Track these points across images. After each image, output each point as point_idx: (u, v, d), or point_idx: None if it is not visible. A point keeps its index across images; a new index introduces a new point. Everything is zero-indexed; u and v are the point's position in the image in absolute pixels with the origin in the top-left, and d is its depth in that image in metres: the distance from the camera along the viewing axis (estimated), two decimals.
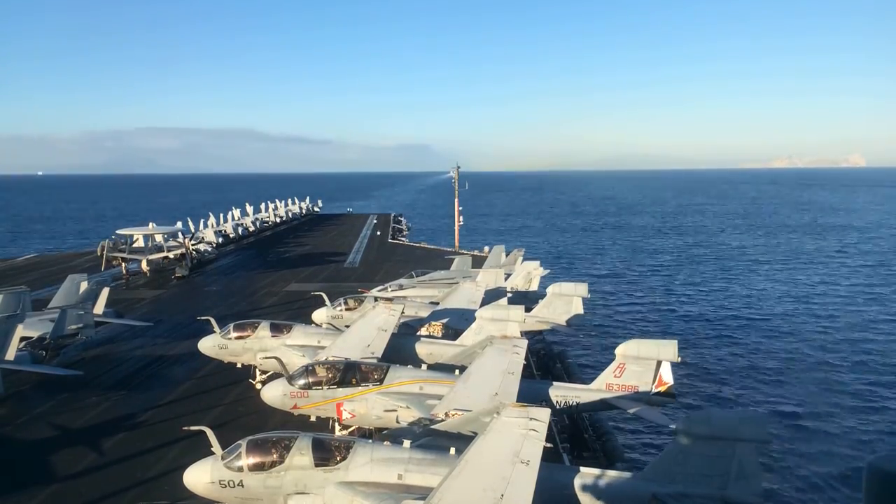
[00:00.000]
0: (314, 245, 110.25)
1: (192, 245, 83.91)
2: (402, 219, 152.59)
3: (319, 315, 44.77)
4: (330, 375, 28.42)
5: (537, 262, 56.75)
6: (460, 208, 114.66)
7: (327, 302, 45.41)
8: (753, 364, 66.65)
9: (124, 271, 76.96)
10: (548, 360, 45.22)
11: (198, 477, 20.85)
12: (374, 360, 30.94)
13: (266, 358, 34.63)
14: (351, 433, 27.31)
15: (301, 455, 20.34)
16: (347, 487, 19.62)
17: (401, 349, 34.80)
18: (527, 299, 47.80)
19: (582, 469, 21.84)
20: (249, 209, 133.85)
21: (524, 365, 29.46)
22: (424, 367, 32.05)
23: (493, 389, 26.27)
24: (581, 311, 45.20)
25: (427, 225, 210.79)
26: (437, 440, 22.43)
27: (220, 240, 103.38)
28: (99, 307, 45.30)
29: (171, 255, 79.76)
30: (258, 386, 34.38)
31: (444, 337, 39.15)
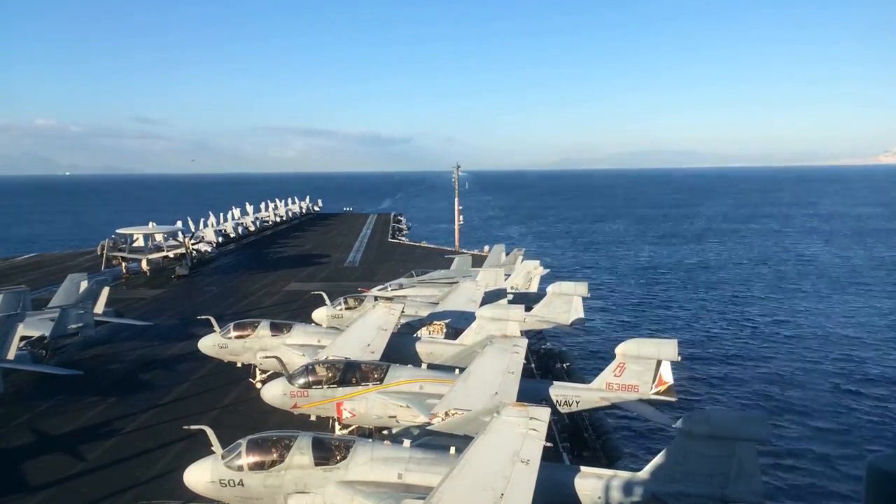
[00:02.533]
0: (314, 244, 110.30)
1: (192, 244, 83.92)
2: (402, 218, 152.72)
3: (319, 314, 44.77)
4: (330, 375, 28.40)
5: (537, 262, 56.73)
6: (460, 208, 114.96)
7: (327, 301, 45.41)
8: (753, 364, 66.73)
9: (124, 271, 77.00)
10: (548, 360, 45.21)
11: (198, 476, 20.85)
12: (374, 360, 30.97)
13: (266, 357, 34.62)
14: (351, 432, 27.31)
15: (301, 454, 20.34)
16: (347, 487, 19.62)
17: (401, 349, 34.76)
18: (527, 299, 47.82)
19: (582, 468, 21.83)
20: (249, 208, 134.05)
21: (524, 364, 29.47)
22: (424, 366, 32.03)
23: (493, 389, 26.25)
24: (581, 310, 45.17)
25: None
26: (437, 440, 22.46)
27: (221, 239, 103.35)
28: (99, 307, 45.31)
29: (170, 254, 79.78)
30: (258, 385, 34.34)
31: (444, 336, 39.17)
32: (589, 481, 21.08)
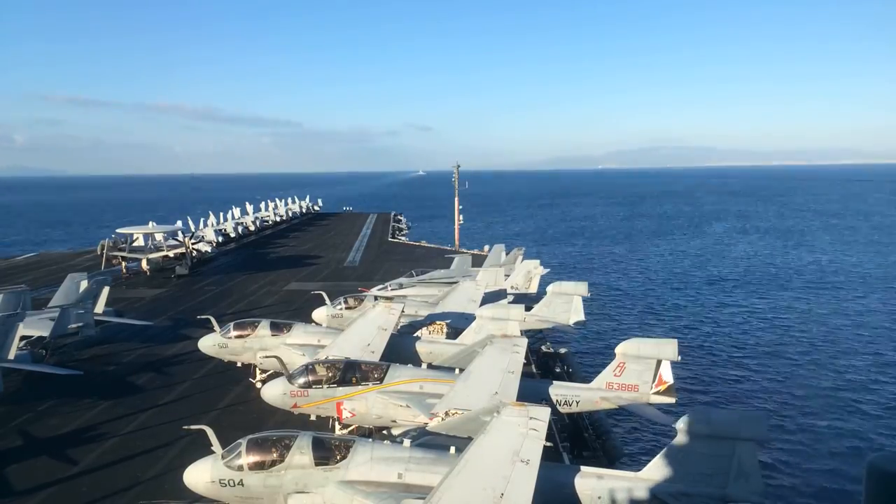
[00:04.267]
0: (314, 244, 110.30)
1: (192, 244, 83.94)
2: (402, 217, 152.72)
3: (319, 314, 44.81)
4: (330, 374, 28.42)
5: (537, 261, 56.77)
6: (460, 207, 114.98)
7: (327, 301, 45.45)
8: (753, 363, 66.72)
9: (124, 270, 77.02)
10: (548, 359, 45.18)
11: (198, 476, 20.87)
12: (374, 360, 30.98)
13: (266, 357, 34.67)
14: (351, 432, 27.34)
15: (301, 454, 20.35)
16: (347, 486, 19.63)
17: (401, 348, 34.82)
18: (527, 298, 47.84)
19: (582, 468, 21.84)
20: (249, 208, 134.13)
21: (524, 364, 29.48)
22: (424, 366, 32.07)
23: (493, 388, 26.28)
24: (581, 310, 45.21)
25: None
26: (437, 439, 22.47)
27: (221, 239, 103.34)
28: (99, 306, 45.32)
29: (170, 254, 79.80)
30: (258, 385, 34.38)
31: (444, 336, 39.18)
32: (589, 481, 21.08)
